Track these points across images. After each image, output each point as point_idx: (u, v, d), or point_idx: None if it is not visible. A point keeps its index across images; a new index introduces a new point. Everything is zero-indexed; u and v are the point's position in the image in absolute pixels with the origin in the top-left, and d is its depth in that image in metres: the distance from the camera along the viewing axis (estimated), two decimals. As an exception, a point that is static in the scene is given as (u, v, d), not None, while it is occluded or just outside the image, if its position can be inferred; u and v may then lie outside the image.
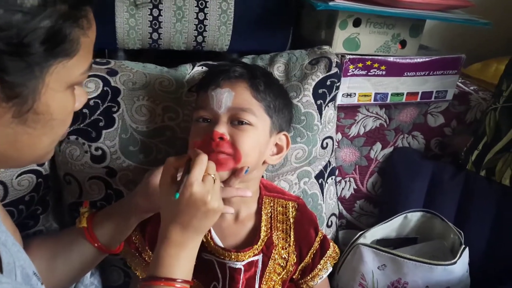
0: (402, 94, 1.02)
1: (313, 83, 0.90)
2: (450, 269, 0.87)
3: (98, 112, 0.81)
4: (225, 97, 0.69)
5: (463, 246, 0.91)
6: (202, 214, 0.61)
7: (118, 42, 0.92)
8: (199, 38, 0.94)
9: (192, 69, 0.89)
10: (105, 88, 0.82)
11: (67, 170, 0.84)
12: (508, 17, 1.36)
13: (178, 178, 0.63)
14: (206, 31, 0.93)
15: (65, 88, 0.49)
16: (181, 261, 0.61)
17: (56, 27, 0.44)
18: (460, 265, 0.88)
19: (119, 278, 0.90)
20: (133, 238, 0.75)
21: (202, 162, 0.61)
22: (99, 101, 0.81)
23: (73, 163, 0.82)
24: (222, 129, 0.68)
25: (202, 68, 0.90)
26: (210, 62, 0.92)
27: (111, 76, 0.83)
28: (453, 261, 0.87)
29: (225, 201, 0.71)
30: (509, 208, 0.99)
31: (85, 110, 0.81)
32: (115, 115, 0.82)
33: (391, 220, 1.00)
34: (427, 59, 1.00)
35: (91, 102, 0.81)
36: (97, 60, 0.86)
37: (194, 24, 0.91)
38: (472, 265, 0.93)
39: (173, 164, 0.64)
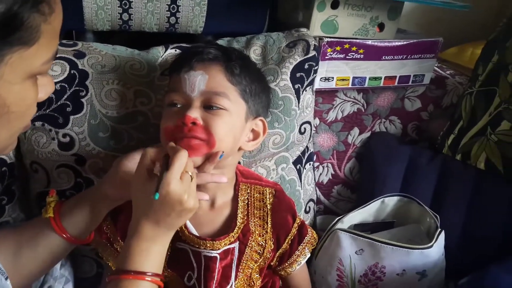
0: (380, 78, 1.01)
1: (291, 67, 0.88)
2: (426, 253, 0.88)
3: (65, 96, 0.78)
4: (199, 80, 0.66)
5: (439, 229, 0.92)
6: (177, 213, 0.59)
7: (86, 23, 0.87)
8: (172, 19, 0.90)
9: (165, 52, 0.86)
10: (72, 71, 0.78)
11: (34, 158, 0.80)
12: (483, 2, 1.37)
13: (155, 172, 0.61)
14: (180, 12, 0.89)
15: (24, 79, 0.45)
16: (151, 255, 0.59)
17: (11, 11, 0.40)
18: (436, 249, 0.89)
19: (92, 269, 0.88)
20: (105, 228, 0.72)
21: (182, 160, 0.58)
22: (66, 85, 0.77)
23: (40, 150, 0.79)
24: (195, 113, 0.65)
25: (175, 50, 0.86)
26: (184, 45, 0.88)
27: (79, 58, 0.79)
28: (429, 244, 0.88)
29: (200, 187, 0.69)
30: (484, 191, 1.01)
31: (51, 95, 0.76)
32: (83, 100, 0.78)
33: (368, 205, 1.00)
34: (405, 43, 0.99)
35: (57, 86, 0.77)
36: (63, 41, 0.82)
37: (167, 4, 0.88)
38: (448, 248, 0.94)
39: (151, 156, 0.61)
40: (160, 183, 0.56)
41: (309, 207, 1.02)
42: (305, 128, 0.94)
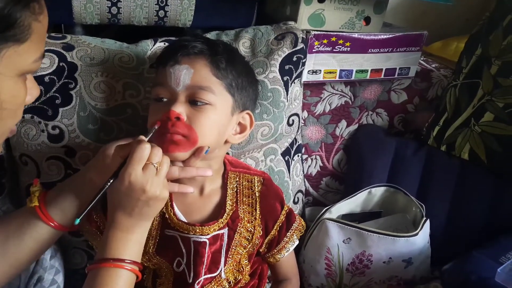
0: (366, 71, 1.03)
1: (280, 59, 0.89)
2: (412, 241, 0.90)
3: (54, 89, 0.78)
4: (184, 74, 0.66)
5: (424, 218, 0.94)
6: (143, 203, 0.61)
7: (74, 17, 0.87)
8: (161, 13, 0.91)
9: (153, 45, 0.86)
10: (61, 64, 0.78)
11: (23, 151, 0.80)
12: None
13: None
14: (168, 5, 0.90)
15: (17, 75, 0.48)
16: (129, 244, 0.61)
17: (6, 10, 0.43)
18: (422, 237, 0.91)
19: (82, 260, 0.88)
20: (94, 216, 0.73)
21: (141, 152, 0.59)
22: (55, 78, 0.78)
23: (29, 143, 0.79)
24: (179, 108, 0.66)
25: (164, 44, 0.87)
26: (173, 38, 0.89)
27: (67, 51, 0.80)
28: (414, 232, 0.90)
29: (187, 179, 0.71)
30: (468, 181, 1.03)
31: (40, 87, 0.76)
32: (72, 92, 0.79)
33: (356, 195, 1.02)
34: (390, 36, 1.01)
35: (46, 79, 0.77)
36: (52, 34, 0.82)
37: (155, -2, 0.88)
38: (433, 236, 0.97)
39: (120, 153, 0.63)
40: (119, 174, 0.59)
41: (298, 198, 1.04)
42: (293, 120, 0.95)
